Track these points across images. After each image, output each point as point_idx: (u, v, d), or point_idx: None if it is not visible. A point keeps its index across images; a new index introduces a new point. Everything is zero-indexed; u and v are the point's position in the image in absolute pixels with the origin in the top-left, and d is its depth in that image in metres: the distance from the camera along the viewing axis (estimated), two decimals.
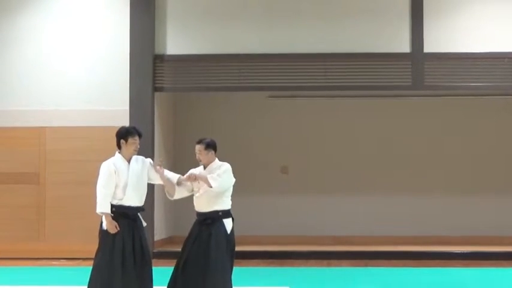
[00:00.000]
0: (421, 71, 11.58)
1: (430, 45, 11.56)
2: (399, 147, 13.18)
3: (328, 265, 10.98)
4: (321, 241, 12.63)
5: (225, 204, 7.01)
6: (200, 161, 7.09)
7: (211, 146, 7.06)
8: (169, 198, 7.20)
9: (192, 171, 7.12)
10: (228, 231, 6.96)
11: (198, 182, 6.98)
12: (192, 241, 6.93)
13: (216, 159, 7.09)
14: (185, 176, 7.04)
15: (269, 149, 13.27)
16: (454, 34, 11.61)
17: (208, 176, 6.91)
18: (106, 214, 6.83)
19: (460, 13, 11.65)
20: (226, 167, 7.04)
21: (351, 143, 13.22)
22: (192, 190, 7.09)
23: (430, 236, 12.67)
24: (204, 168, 7.09)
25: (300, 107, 13.27)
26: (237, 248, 7.12)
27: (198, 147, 7.07)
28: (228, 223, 6.98)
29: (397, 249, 11.92)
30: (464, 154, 13.10)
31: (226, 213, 7.00)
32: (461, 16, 11.65)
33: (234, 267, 7.10)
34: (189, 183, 7.06)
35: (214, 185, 6.86)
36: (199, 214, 7.02)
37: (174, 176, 7.10)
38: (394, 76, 11.65)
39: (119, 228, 6.80)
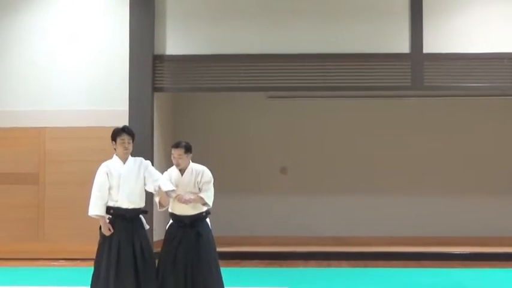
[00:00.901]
0: (420, 72, 11.57)
1: (430, 46, 11.55)
2: (399, 147, 13.17)
3: (328, 266, 10.97)
4: (321, 242, 12.62)
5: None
6: (179, 165, 6.90)
7: (190, 149, 6.95)
8: (159, 209, 7.04)
9: (171, 171, 6.94)
10: (210, 228, 7.08)
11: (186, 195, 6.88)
12: (178, 243, 6.89)
13: (190, 161, 6.99)
14: (175, 196, 6.84)
15: (268, 150, 13.26)
16: (453, 34, 11.60)
17: (204, 196, 6.86)
18: (99, 216, 6.82)
19: (460, 13, 11.64)
20: (208, 174, 6.96)
21: (350, 144, 13.22)
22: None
23: (429, 236, 12.67)
24: (181, 172, 6.91)
25: (299, 108, 13.26)
26: (237, 249, 7.15)
27: (177, 151, 6.87)
28: (209, 221, 7.09)
29: (396, 250, 11.91)
30: (464, 154, 13.10)
31: (207, 212, 7.06)
32: (460, 16, 11.64)
33: (233, 268, 7.13)
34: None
35: (210, 204, 6.88)
36: (185, 217, 6.96)
37: (165, 187, 6.83)
38: (393, 77, 11.63)
39: (112, 231, 6.77)
